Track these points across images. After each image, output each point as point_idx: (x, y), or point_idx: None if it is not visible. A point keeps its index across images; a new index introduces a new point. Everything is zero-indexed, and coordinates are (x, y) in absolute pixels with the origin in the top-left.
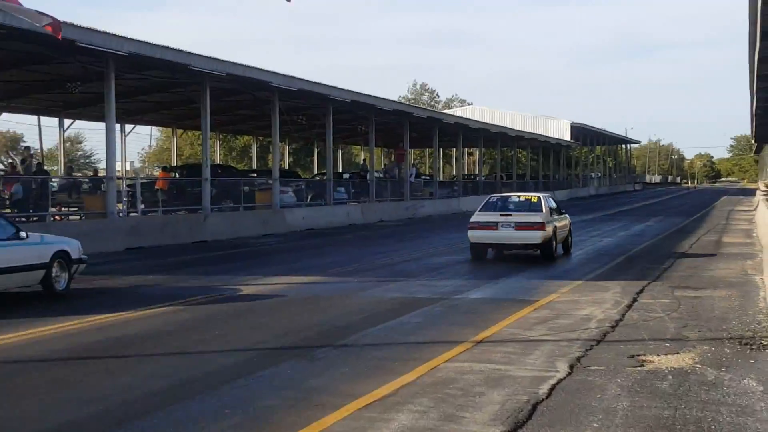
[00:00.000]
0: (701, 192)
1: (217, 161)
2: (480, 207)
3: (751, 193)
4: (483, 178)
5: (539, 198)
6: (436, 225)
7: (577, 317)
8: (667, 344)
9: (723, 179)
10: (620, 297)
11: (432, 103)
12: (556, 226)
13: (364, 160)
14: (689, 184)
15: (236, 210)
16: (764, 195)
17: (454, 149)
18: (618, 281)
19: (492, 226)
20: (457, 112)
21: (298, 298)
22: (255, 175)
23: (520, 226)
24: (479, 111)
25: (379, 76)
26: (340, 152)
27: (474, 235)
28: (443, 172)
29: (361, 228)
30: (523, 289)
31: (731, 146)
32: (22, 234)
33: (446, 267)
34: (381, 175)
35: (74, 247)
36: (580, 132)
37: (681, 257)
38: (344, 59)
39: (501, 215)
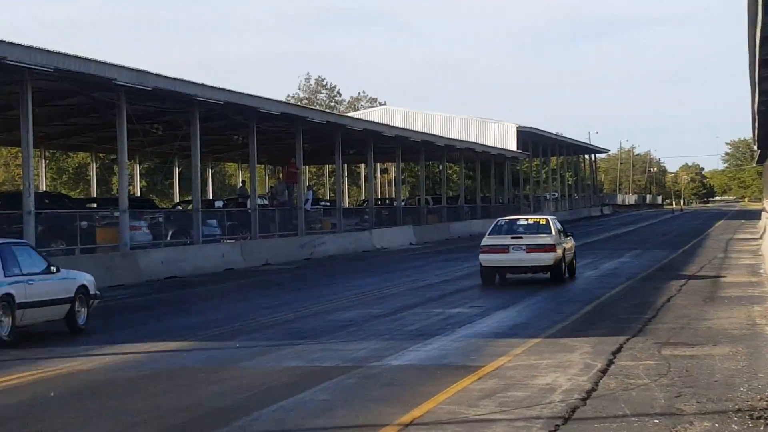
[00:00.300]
0: (690, 215)
1: (43, 188)
2: (489, 231)
3: (755, 215)
4: (403, 204)
5: (547, 220)
6: (342, 267)
7: (536, 388)
8: (656, 420)
9: (717, 198)
10: (591, 359)
11: (332, 104)
12: (564, 248)
13: (243, 182)
14: (674, 205)
15: (71, 253)
16: None
17: (364, 165)
18: (587, 337)
19: (503, 249)
20: (367, 115)
21: (160, 371)
22: (95, 205)
23: (532, 249)
24: (396, 113)
25: (261, 69)
26: (210, 172)
27: (486, 259)
28: (349, 196)
29: (242, 274)
30: (462, 351)
31: (727, 154)
32: (53, 268)
33: (358, 324)
34: (266, 202)
35: (91, 282)
36: (529, 139)
37: (668, 303)
38: (215, 49)
39: (512, 238)
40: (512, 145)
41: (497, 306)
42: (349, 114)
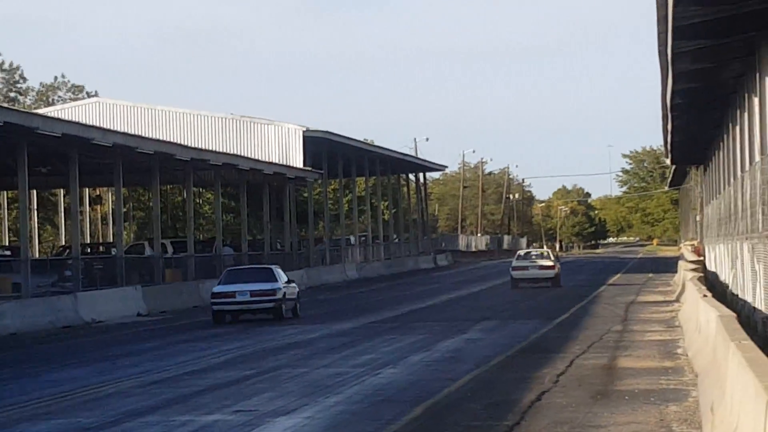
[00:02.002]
0: (571, 267)
1: None
2: (514, 259)
3: (668, 266)
4: (127, 252)
5: (548, 251)
6: (32, 353)
7: None
8: None
9: (611, 240)
10: None
11: (11, 95)
12: (560, 266)
13: None
14: (555, 248)
15: None
16: (695, 268)
17: (64, 191)
18: None
19: (526, 267)
20: (68, 112)
21: None
22: None
23: (541, 267)
24: (115, 110)
25: None
26: None
27: (515, 274)
28: (41, 241)
29: None
30: None
31: (624, 173)
32: (292, 282)
33: None
34: None
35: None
36: (323, 149)
37: (539, 403)
38: None
39: (529, 262)
40: (297, 159)
41: (276, 409)
42: (39, 111)
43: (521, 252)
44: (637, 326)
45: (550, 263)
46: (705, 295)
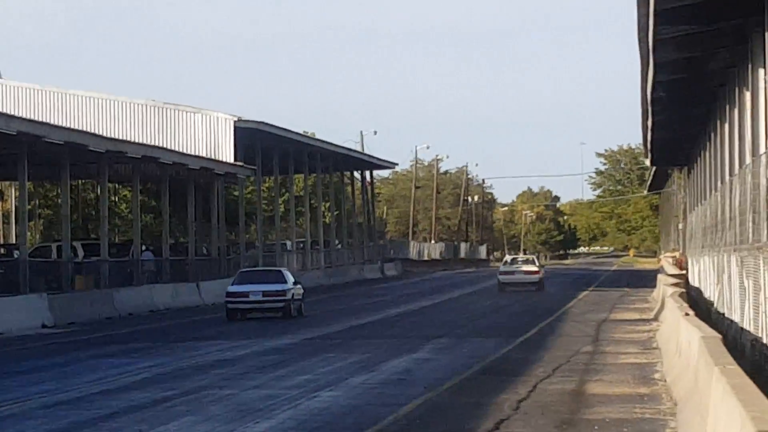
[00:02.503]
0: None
1: None
2: (501, 265)
3: (646, 279)
4: (31, 256)
5: (533, 257)
6: None
7: None
8: None
9: (582, 250)
10: None
11: None
12: (544, 271)
13: None
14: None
15: None
16: (676, 283)
17: None
18: None
19: (512, 272)
20: None
21: None
22: None
23: (526, 273)
24: (17, 93)
25: None
26: None
27: (502, 278)
28: None
29: None
30: None
31: (599, 174)
32: (298, 282)
33: None
34: None
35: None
36: (258, 143)
37: None
38: None
39: (516, 267)
40: (227, 153)
41: None
42: None
43: (508, 258)
44: (610, 347)
45: (535, 269)
46: (687, 314)
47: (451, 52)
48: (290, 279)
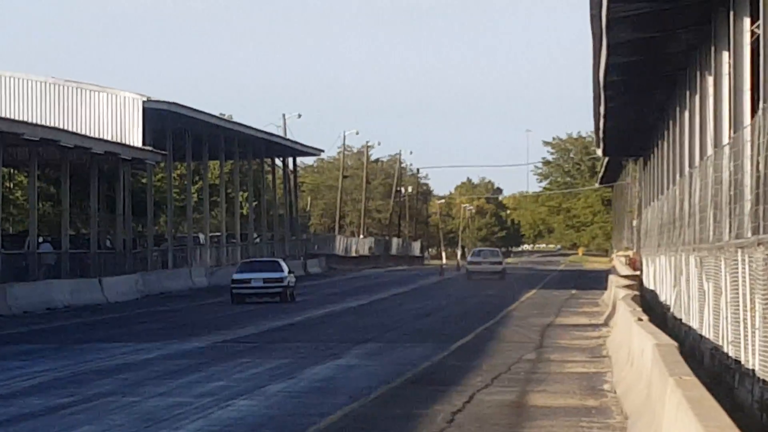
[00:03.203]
0: (475, 280)
1: None
2: (469, 256)
3: (596, 281)
4: None
5: (498, 250)
6: None
7: None
8: None
9: (527, 247)
10: None
11: None
12: (506, 262)
13: None
14: (445, 259)
15: None
16: (629, 285)
17: None
18: None
19: (479, 263)
20: None
21: None
22: None
23: (492, 263)
24: None
25: None
26: None
27: (470, 268)
28: None
29: None
30: None
31: (546, 164)
32: (292, 271)
33: None
34: None
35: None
36: (169, 123)
37: None
38: None
39: (482, 258)
40: (135, 136)
41: None
42: None
43: (475, 250)
44: (555, 355)
45: (499, 260)
46: (640, 319)
47: (384, 29)
48: (285, 268)
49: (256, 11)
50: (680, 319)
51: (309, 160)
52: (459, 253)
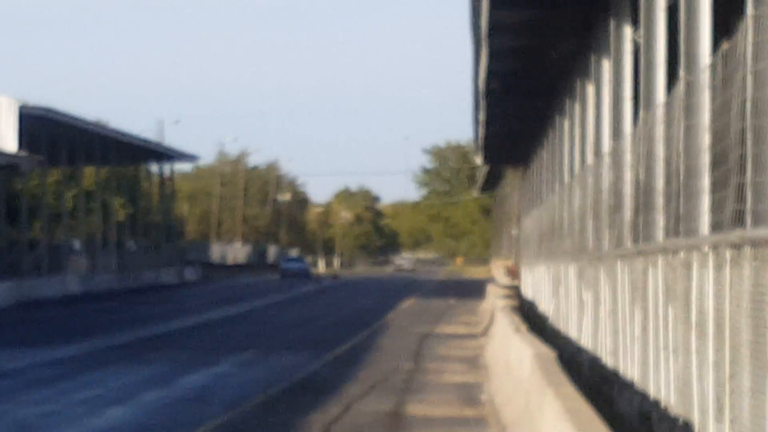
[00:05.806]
0: (353, 288)
1: None
2: (398, 258)
3: (475, 290)
4: None
5: (412, 253)
6: None
7: None
8: None
9: (406, 255)
10: None
11: None
12: (418, 261)
13: None
14: (322, 268)
15: None
16: (508, 295)
17: None
18: None
19: (403, 262)
20: None
21: None
22: None
23: (409, 261)
24: None
25: None
26: None
27: (397, 264)
28: None
29: None
30: None
31: (425, 172)
32: (308, 263)
33: None
34: None
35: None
36: (44, 128)
37: None
38: None
39: (405, 259)
40: (8, 141)
41: None
42: None
43: (402, 254)
44: (433, 364)
45: (414, 259)
46: (518, 329)
47: (261, 32)
48: (306, 261)
49: (136, 14)
50: (559, 330)
51: (186, 167)
52: (337, 262)
